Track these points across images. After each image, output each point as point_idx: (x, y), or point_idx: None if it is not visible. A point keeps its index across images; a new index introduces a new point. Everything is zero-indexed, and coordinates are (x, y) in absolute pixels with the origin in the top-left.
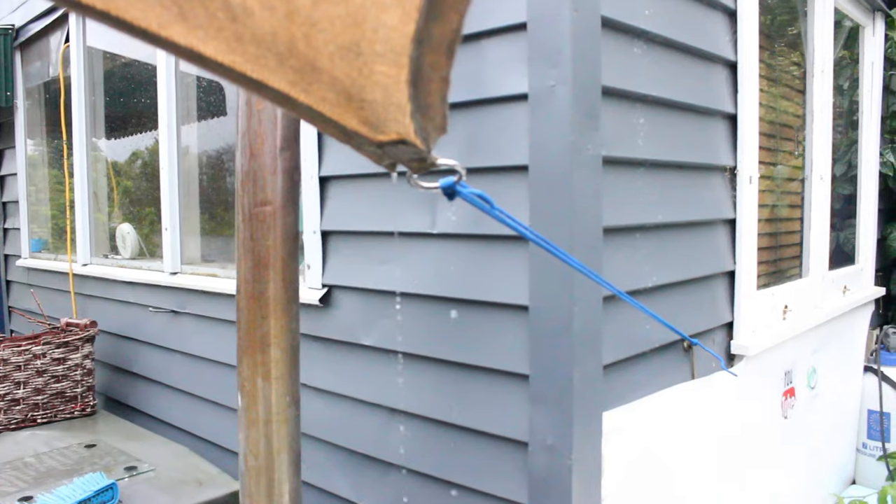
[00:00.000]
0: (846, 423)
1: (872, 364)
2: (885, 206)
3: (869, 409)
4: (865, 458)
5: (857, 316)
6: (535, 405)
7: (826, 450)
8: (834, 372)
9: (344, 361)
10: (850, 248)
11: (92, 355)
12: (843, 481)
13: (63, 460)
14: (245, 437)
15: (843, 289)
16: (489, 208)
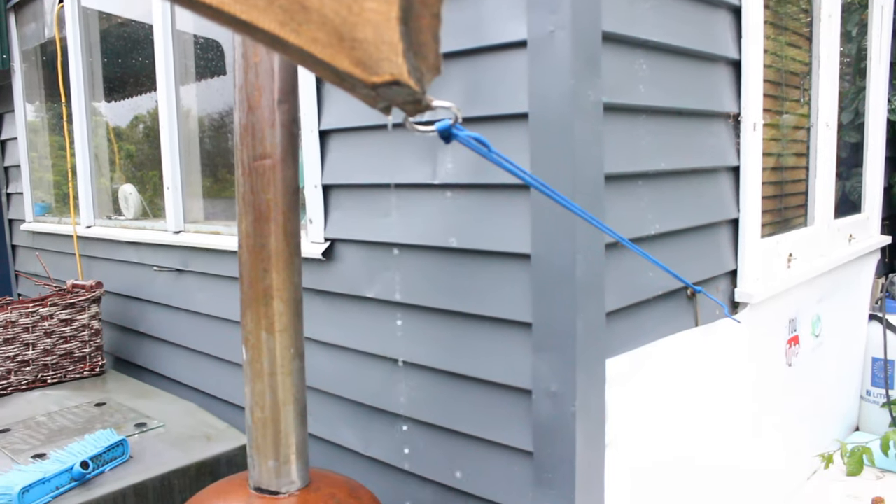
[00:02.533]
0: (850, 370)
1: (878, 312)
2: (892, 154)
3: (873, 356)
4: (869, 405)
5: (863, 264)
6: (539, 353)
7: (830, 397)
8: (839, 320)
9: (347, 314)
10: (856, 196)
11: (99, 316)
12: (847, 428)
13: (74, 419)
14: (251, 390)
15: (848, 237)
16: (486, 151)
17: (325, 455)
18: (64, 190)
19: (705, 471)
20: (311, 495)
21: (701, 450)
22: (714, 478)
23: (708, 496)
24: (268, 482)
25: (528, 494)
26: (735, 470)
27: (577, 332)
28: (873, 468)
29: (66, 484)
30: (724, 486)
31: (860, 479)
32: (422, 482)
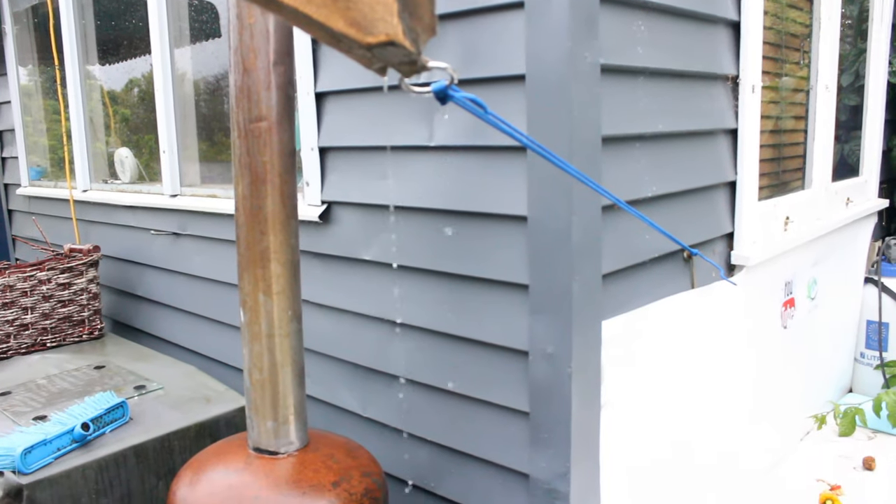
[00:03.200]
0: (845, 333)
1: (873, 275)
2: (891, 117)
3: (868, 319)
4: (863, 367)
5: (860, 228)
6: (535, 315)
7: (825, 359)
8: (835, 283)
9: (345, 277)
10: (854, 160)
11: (97, 280)
12: (841, 389)
13: (74, 381)
14: (249, 352)
15: (846, 201)
16: (483, 113)
17: (324, 416)
18: (59, 154)
19: (700, 431)
20: (309, 455)
21: (696, 410)
22: (708, 437)
23: (702, 455)
24: (266, 443)
25: (525, 454)
26: (729, 430)
27: (574, 294)
28: (865, 429)
29: (67, 445)
30: (718, 445)
31: (852, 440)
32: (419, 442)
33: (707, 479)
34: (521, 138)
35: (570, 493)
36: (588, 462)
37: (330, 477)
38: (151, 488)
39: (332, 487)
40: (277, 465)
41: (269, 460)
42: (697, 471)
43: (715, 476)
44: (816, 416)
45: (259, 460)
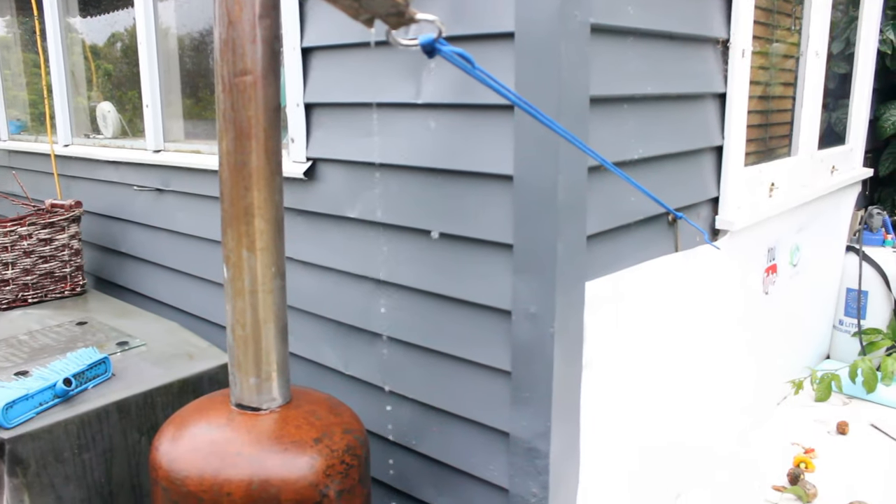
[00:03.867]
0: (825, 300)
1: (855, 244)
2: (880, 86)
3: (848, 287)
4: (841, 334)
5: (844, 196)
6: (519, 274)
7: (804, 325)
8: (817, 250)
9: (329, 234)
10: (841, 128)
11: (78, 235)
12: (819, 356)
13: (56, 337)
14: (232, 308)
15: (831, 169)
16: (470, 68)
17: (307, 374)
18: (40, 109)
19: (679, 393)
20: (291, 412)
21: (676, 372)
22: (688, 399)
23: (681, 417)
24: (249, 399)
25: (506, 413)
26: (708, 393)
27: (558, 255)
28: (840, 394)
29: (49, 400)
30: (698, 407)
31: (828, 405)
32: (401, 400)
33: (685, 441)
34: (508, 95)
35: (549, 452)
36: (569, 422)
37: (312, 433)
38: (134, 444)
39: (313, 444)
40: (260, 422)
41: (252, 416)
42: (676, 432)
43: (693, 438)
44: (794, 381)
45: (241, 416)
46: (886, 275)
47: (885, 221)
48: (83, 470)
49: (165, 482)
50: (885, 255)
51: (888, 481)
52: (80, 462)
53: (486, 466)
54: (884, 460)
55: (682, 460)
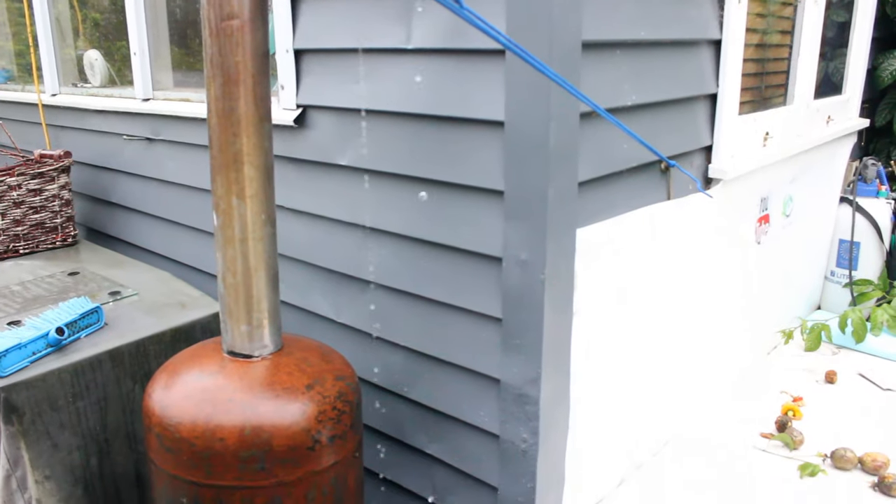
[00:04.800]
0: (817, 251)
1: (849, 195)
2: (879, 35)
3: (841, 238)
4: (832, 285)
5: (839, 147)
6: (510, 221)
7: (796, 276)
8: (810, 201)
9: (320, 182)
10: (838, 78)
11: (68, 186)
12: (810, 306)
13: (48, 287)
14: (222, 256)
15: (827, 119)
16: (458, 8)
17: (298, 322)
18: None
19: (670, 341)
20: (283, 359)
21: (666, 320)
22: (678, 348)
23: (671, 365)
24: (241, 346)
25: (496, 359)
26: (699, 341)
27: (549, 201)
28: (830, 344)
29: (42, 349)
30: (688, 356)
31: (817, 355)
32: (392, 347)
33: (675, 388)
34: (498, 37)
35: (539, 399)
36: (559, 368)
37: (303, 380)
38: (128, 392)
39: (305, 390)
40: (251, 368)
41: (244, 363)
42: (666, 379)
43: (683, 385)
44: (784, 331)
45: (233, 363)
46: (879, 226)
47: (879, 172)
48: (78, 418)
49: (159, 429)
50: (879, 206)
51: (873, 428)
52: (74, 410)
53: (476, 413)
54: (870, 408)
55: (671, 408)
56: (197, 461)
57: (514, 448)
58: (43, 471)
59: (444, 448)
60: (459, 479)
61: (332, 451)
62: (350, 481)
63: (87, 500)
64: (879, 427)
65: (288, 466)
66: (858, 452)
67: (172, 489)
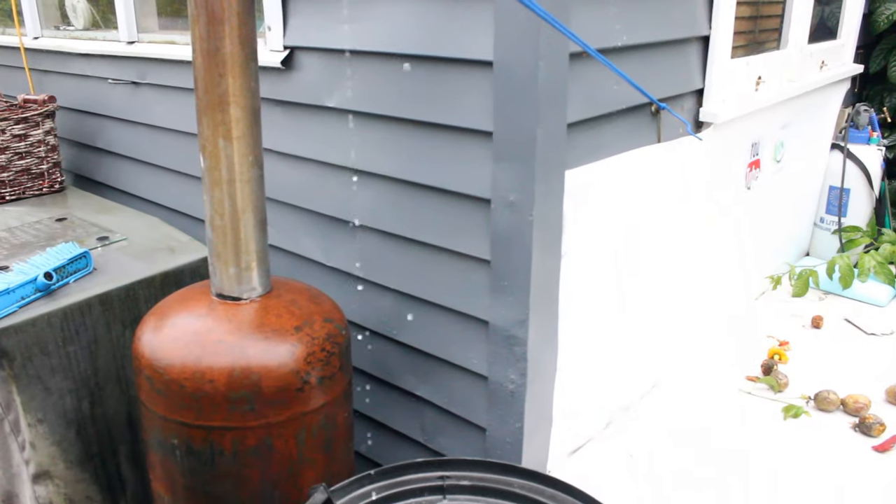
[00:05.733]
0: (807, 197)
1: (840, 142)
2: None
3: (831, 185)
4: (821, 231)
5: (832, 93)
6: (498, 162)
7: (785, 222)
8: (801, 147)
9: (307, 124)
10: (833, 22)
11: (54, 131)
12: (798, 253)
13: (35, 233)
14: (210, 198)
15: (820, 64)
16: None
17: (288, 266)
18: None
19: (658, 284)
20: (272, 301)
21: (655, 264)
22: (666, 291)
23: (659, 308)
24: (229, 288)
25: (485, 301)
26: (687, 285)
27: (538, 142)
28: (817, 290)
29: (30, 294)
30: (676, 299)
31: (804, 300)
32: (381, 290)
33: (663, 331)
34: None
35: (528, 340)
36: (547, 310)
37: (292, 322)
38: (118, 336)
39: (294, 332)
40: (240, 311)
41: (232, 306)
42: (654, 322)
43: (671, 328)
44: (772, 276)
45: (222, 306)
46: (870, 173)
47: (871, 119)
48: (69, 362)
49: (149, 371)
50: (870, 152)
51: (857, 371)
52: (65, 354)
53: (465, 354)
54: (854, 352)
55: (660, 350)
56: (187, 402)
57: (503, 389)
58: (35, 414)
59: (432, 390)
60: (448, 420)
61: (322, 392)
62: (339, 422)
63: (80, 442)
64: (862, 370)
65: (277, 407)
66: (841, 395)
67: (163, 430)
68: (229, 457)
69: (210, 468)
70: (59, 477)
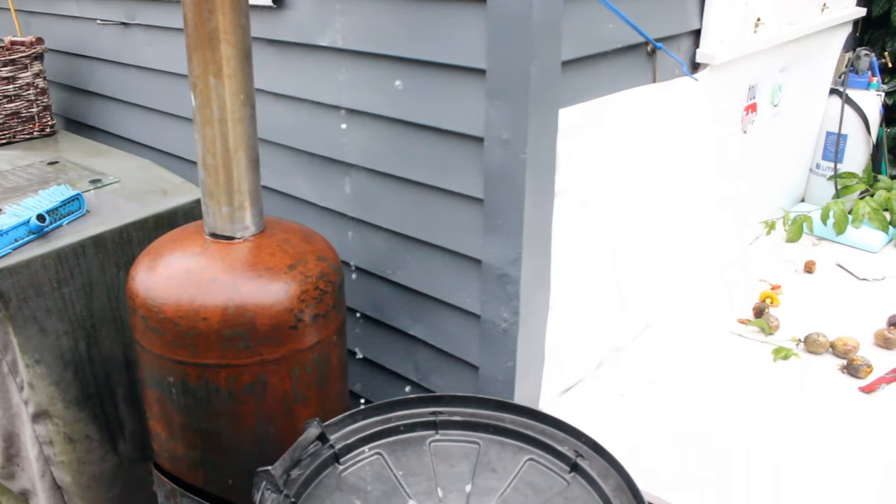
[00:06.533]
0: (804, 143)
1: (839, 87)
2: None
3: (828, 130)
4: (817, 177)
5: (833, 36)
6: (492, 100)
7: (781, 167)
8: (799, 92)
9: (300, 64)
10: None
11: (43, 74)
12: (793, 199)
13: (27, 177)
14: (201, 137)
15: (822, 6)
16: None
17: (281, 207)
18: None
19: (652, 226)
20: (265, 240)
21: (649, 206)
22: (660, 233)
23: (653, 250)
24: (222, 228)
25: (478, 240)
26: (681, 227)
27: (531, 80)
28: (811, 236)
29: (24, 237)
30: (670, 242)
31: (798, 246)
32: (375, 230)
33: (656, 274)
34: None
35: (520, 278)
36: (540, 249)
37: (286, 260)
38: (112, 278)
39: (287, 270)
40: (233, 250)
41: (226, 245)
42: (648, 264)
43: (664, 271)
44: (767, 221)
45: (215, 245)
46: (868, 118)
47: (872, 64)
48: (64, 303)
49: (143, 310)
50: (869, 98)
51: (847, 315)
52: (60, 296)
53: (458, 293)
54: (845, 296)
55: (652, 293)
56: (182, 341)
57: (495, 328)
58: (32, 355)
59: (426, 329)
60: (441, 359)
61: (315, 330)
62: (333, 360)
63: (77, 383)
64: (853, 314)
65: (271, 345)
66: (831, 337)
67: (159, 369)
68: (225, 394)
69: (206, 406)
70: (58, 416)
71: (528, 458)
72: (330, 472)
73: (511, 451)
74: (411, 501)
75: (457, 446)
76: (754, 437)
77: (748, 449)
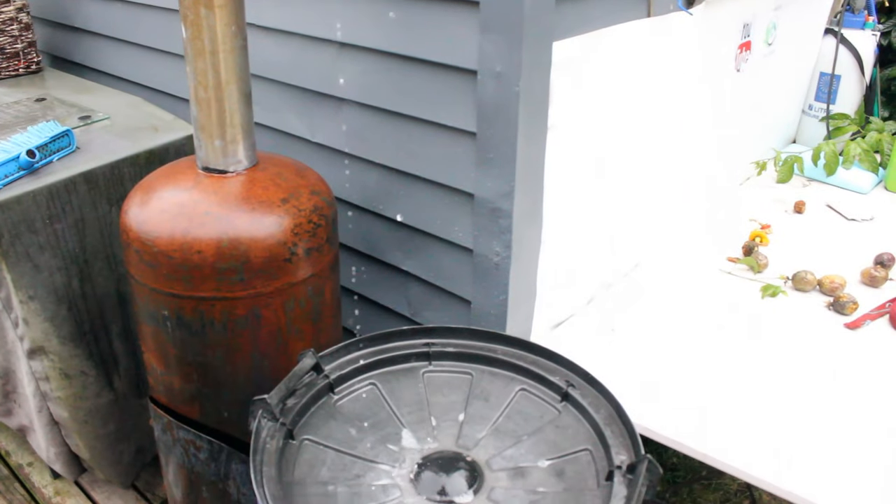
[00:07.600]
0: (797, 83)
1: (834, 27)
2: None
3: (822, 71)
4: (809, 118)
5: None
6: (485, 33)
7: (773, 107)
8: (794, 31)
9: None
10: None
11: (26, 8)
12: (785, 140)
13: (14, 114)
14: (193, 69)
15: None
16: None
17: (274, 142)
18: None
19: (644, 163)
20: (258, 174)
21: (642, 142)
22: (651, 171)
23: (645, 188)
24: (215, 162)
25: (471, 174)
26: (673, 166)
27: (525, 12)
28: (802, 177)
29: (14, 172)
30: (661, 180)
31: (788, 186)
32: (367, 165)
33: (648, 212)
34: None
35: (512, 212)
36: (532, 183)
37: (279, 194)
38: (104, 214)
39: (280, 203)
40: (226, 183)
41: (218, 178)
42: (639, 201)
43: (655, 210)
44: (758, 162)
45: (208, 179)
46: (862, 59)
47: (868, 3)
48: (56, 239)
49: (137, 244)
50: (864, 38)
51: (835, 254)
52: (52, 232)
53: (451, 228)
54: (833, 236)
55: (643, 231)
56: (176, 274)
57: (488, 262)
58: (26, 291)
59: (418, 264)
60: (434, 294)
61: (309, 263)
62: (327, 294)
63: (71, 318)
64: (840, 253)
65: (265, 278)
66: (818, 276)
67: (153, 302)
68: (219, 327)
69: (201, 338)
70: (53, 352)
71: (519, 388)
72: (325, 402)
73: (503, 381)
74: (405, 430)
75: (450, 377)
76: (739, 367)
77: (732, 377)
